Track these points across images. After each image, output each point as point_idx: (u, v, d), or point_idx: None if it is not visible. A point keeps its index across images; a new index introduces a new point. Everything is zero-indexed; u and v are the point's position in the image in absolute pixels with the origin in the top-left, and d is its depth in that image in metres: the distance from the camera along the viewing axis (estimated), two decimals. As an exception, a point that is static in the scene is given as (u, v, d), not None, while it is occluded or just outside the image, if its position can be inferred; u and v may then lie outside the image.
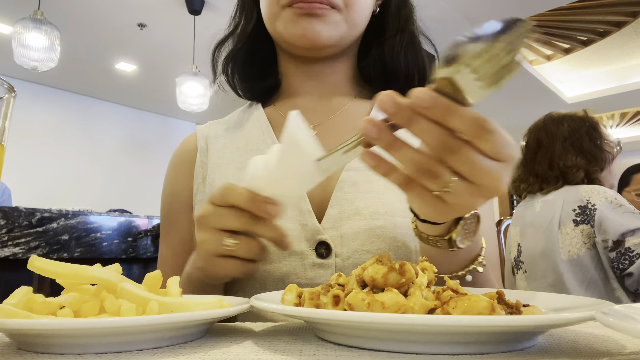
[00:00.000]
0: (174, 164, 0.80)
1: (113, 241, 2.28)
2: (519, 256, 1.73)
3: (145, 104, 6.98)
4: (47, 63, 3.14)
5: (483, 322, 0.29)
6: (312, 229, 0.64)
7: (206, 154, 0.77)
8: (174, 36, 4.79)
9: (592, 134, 1.68)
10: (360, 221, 0.64)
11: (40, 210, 2.04)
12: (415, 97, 0.34)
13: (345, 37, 0.72)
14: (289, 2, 0.68)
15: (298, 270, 0.64)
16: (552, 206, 1.61)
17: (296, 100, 0.78)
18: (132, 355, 0.34)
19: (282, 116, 0.78)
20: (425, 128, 0.35)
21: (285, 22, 0.69)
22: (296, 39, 0.69)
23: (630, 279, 1.44)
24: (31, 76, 5.66)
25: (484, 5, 4.11)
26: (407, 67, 0.77)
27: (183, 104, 4.07)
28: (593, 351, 0.33)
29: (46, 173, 5.99)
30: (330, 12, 0.68)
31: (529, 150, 1.78)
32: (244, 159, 0.73)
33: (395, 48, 0.77)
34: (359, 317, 0.31)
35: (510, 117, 7.08)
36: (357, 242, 0.63)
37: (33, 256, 0.39)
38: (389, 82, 0.78)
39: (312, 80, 0.78)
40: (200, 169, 0.76)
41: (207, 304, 0.40)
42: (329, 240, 0.64)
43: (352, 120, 0.75)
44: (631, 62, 5.89)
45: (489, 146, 0.35)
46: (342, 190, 0.66)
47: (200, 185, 0.74)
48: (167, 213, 0.79)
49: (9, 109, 0.45)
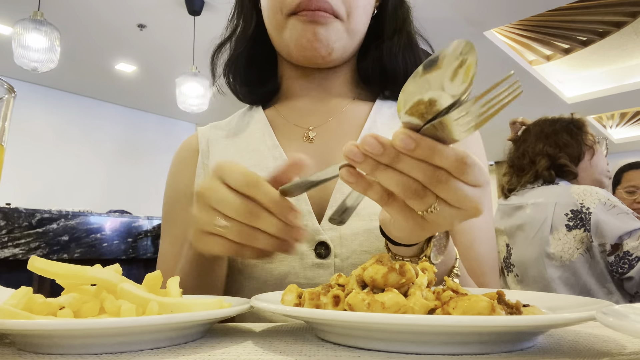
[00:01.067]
0: (177, 162, 0.81)
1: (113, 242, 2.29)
2: (508, 258, 1.73)
3: (145, 104, 6.98)
4: (47, 64, 3.13)
5: (483, 322, 0.29)
6: (312, 230, 0.65)
7: (207, 155, 0.78)
8: (173, 37, 4.79)
9: (572, 129, 1.71)
10: (359, 222, 0.64)
11: (40, 211, 2.04)
12: (400, 141, 0.35)
13: (347, 48, 0.73)
14: (293, 9, 0.68)
15: (297, 270, 0.64)
16: (543, 210, 1.59)
17: (296, 102, 0.79)
18: (132, 355, 0.34)
19: (282, 118, 0.78)
20: (410, 166, 0.37)
21: (291, 30, 0.69)
22: (302, 49, 0.70)
23: (630, 282, 1.44)
24: (31, 77, 5.66)
25: (484, 5, 4.11)
26: (405, 67, 0.77)
27: (183, 105, 4.07)
28: (593, 351, 0.33)
29: (46, 174, 5.99)
30: (334, 21, 0.69)
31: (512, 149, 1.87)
32: (245, 160, 0.73)
33: (393, 49, 0.77)
34: (359, 317, 0.31)
35: (509, 118, 7.08)
36: (356, 242, 0.64)
37: (33, 257, 0.39)
38: (388, 83, 0.79)
39: (312, 84, 0.78)
40: (201, 169, 0.76)
41: (207, 305, 0.40)
42: (328, 241, 0.64)
43: (350, 122, 0.76)
44: (631, 62, 5.89)
45: (469, 177, 0.37)
46: (342, 192, 0.67)
47: None
48: (168, 209, 0.79)
49: (9, 109, 0.45)
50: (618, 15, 4.77)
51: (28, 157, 5.80)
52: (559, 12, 4.55)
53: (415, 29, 0.81)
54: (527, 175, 1.72)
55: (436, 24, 4.33)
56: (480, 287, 0.69)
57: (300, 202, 0.66)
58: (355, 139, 0.70)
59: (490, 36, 4.76)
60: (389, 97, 0.81)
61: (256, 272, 0.66)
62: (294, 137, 0.75)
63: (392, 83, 0.78)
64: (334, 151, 0.72)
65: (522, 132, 1.87)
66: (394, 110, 0.79)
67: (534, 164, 1.70)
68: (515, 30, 5.00)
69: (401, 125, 0.36)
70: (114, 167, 6.71)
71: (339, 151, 0.69)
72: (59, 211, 2.13)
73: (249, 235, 0.48)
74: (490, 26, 4.53)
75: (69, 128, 6.35)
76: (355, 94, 0.80)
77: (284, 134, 0.76)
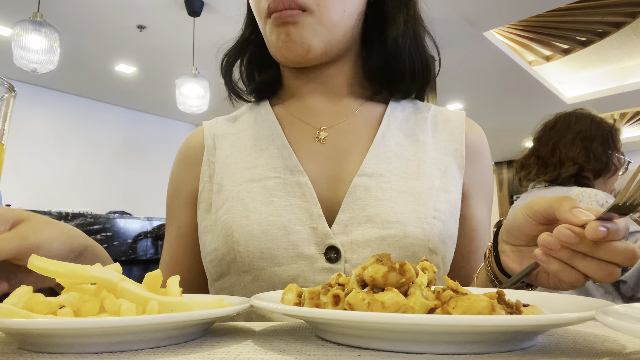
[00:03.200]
0: (180, 160, 0.79)
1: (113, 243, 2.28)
2: None
3: (144, 105, 6.98)
4: (47, 65, 3.14)
5: (483, 322, 0.29)
6: (322, 233, 0.64)
7: (214, 152, 0.76)
8: (173, 38, 4.80)
9: (609, 141, 1.65)
10: (372, 229, 0.63)
11: (40, 212, 2.04)
12: (590, 232, 0.41)
13: (329, 41, 0.69)
14: (267, 13, 0.68)
15: (307, 273, 0.63)
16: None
17: (305, 100, 0.77)
18: (132, 354, 0.34)
19: (291, 115, 0.76)
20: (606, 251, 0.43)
21: (269, 34, 0.69)
22: (280, 51, 0.69)
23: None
24: (31, 78, 5.66)
25: (484, 6, 4.11)
26: (412, 62, 0.74)
27: (183, 106, 4.07)
28: (593, 351, 0.33)
29: (46, 175, 5.99)
30: (303, 16, 0.66)
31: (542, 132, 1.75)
32: (252, 158, 0.72)
33: (398, 40, 0.73)
34: (359, 317, 0.31)
35: (510, 118, 7.09)
36: (368, 249, 0.62)
37: (33, 255, 0.39)
38: (394, 79, 0.75)
39: (313, 83, 0.76)
40: (207, 167, 0.75)
41: (207, 304, 0.40)
42: (339, 245, 0.63)
43: (363, 124, 0.74)
44: (630, 63, 5.90)
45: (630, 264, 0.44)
46: (354, 196, 0.65)
47: (206, 183, 0.73)
48: (169, 208, 0.79)
49: (9, 108, 0.45)
50: (618, 16, 4.77)
51: (28, 159, 5.81)
52: (559, 12, 4.55)
53: (419, 16, 0.77)
54: (547, 174, 1.65)
55: (436, 24, 4.32)
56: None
57: (310, 205, 0.65)
58: (369, 142, 0.72)
59: (490, 37, 4.77)
60: (401, 99, 0.79)
61: (264, 275, 0.64)
62: (305, 136, 0.73)
63: (399, 79, 0.75)
64: (346, 153, 0.70)
65: (558, 119, 1.73)
66: (407, 114, 0.77)
67: (561, 166, 1.62)
68: (515, 30, 5.01)
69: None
70: (113, 168, 6.71)
71: (351, 153, 0.70)
72: (59, 212, 2.13)
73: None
74: (490, 27, 4.53)
75: (68, 129, 6.35)
76: (367, 96, 0.78)
77: (293, 132, 0.74)
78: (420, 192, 0.66)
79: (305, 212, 0.65)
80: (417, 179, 0.68)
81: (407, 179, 0.68)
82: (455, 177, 0.72)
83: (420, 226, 0.63)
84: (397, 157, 0.70)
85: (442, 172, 0.71)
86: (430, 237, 0.64)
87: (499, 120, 7.17)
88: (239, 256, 0.64)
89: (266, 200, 0.66)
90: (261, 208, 0.65)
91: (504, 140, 8.20)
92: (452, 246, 0.69)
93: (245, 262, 0.64)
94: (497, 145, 8.59)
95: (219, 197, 0.70)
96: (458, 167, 0.73)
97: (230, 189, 0.69)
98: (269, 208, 0.65)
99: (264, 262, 0.63)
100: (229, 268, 0.66)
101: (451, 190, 0.70)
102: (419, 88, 0.79)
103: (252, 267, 0.64)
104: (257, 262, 0.63)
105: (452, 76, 5.52)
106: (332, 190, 0.68)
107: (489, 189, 0.78)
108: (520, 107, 6.70)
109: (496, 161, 10.34)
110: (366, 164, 0.68)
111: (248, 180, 0.69)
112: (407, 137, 0.73)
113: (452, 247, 0.69)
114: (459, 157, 0.73)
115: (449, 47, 4.71)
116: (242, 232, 0.64)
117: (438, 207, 0.66)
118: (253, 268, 0.64)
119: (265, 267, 0.63)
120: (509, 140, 8.11)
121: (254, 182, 0.68)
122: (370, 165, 0.68)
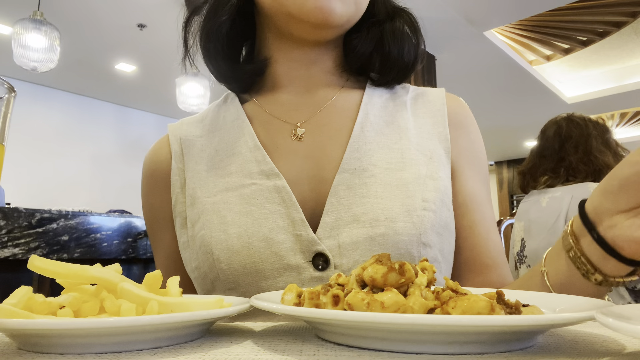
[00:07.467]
0: (147, 178, 0.74)
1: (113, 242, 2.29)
2: (522, 251, 1.73)
3: (145, 104, 6.98)
4: (47, 64, 3.14)
5: (483, 322, 0.29)
6: (307, 240, 0.59)
7: (181, 158, 0.71)
8: (173, 37, 4.79)
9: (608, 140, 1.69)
10: (360, 229, 0.59)
11: (40, 210, 2.04)
12: None
13: (351, 19, 0.66)
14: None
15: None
16: (559, 203, 1.60)
17: (280, 94, 0.71)
18: (132, 355, 0.34)
19: (265, 112, 0.70)
20: None
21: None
22: (307, 14, 0.61)
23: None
24: (31, 77, 5.66)
25: (484, 5, 4.11)
26: (400, 52, 0.71)
27: (183, 105, 4.07)
28: (593, 351, 0.33)
29: (46, 173, 5.99)
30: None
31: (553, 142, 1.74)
32: (225, 164, 0.66)
33: (385, 31, 0.70)
34: (359, 317, 0.31)
35: (510, 118, 7.08)
36: (357, 252, 0.58)
37: (33, 256, 0.39)
38: (378, 66, 0.72)
39: (300, 70, 0.71)
40: (177, 176, 0.70)
41: (207, 304, 0.40)
42: (326, 251, 0.59)
43: (341, 115, 0.69)
44: (631, 63, 5.90)
45: None
46: (337, 195, 0.61)
47: (179, 195, 0.69)
48: (150, 228, 0.75)
49: (9, 108, 0.45)
50: (618, 15, 4.77)
51: (28, 157, 5.81)
52: (559, 12, 4.55)
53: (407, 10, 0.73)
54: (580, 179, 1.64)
55: (436, 24, 4.33)
56: (503, 276, 0.67)
57: (291, 211, 0.60)
58: (347, 134, 0.68)
59: (490, 36, 4.76)
60: (377, 82, 0.74)
61: (251, 290, 0.60)
62: (281, 135, 0.68)
63: (383, 66, 0.71)
64: (326, 149, 0.66)
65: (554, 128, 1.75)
66: (385, 100, 0.73)
67: (600, 173, 1.61)
68: (516, 30, 5.01)
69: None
70: (113, 167, 6.71)
71: (331, 149, 0.67)
72: (59, 211, 2.13)
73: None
74: (491, 26, 4.53)
75: (68, 128, 6.35)
76: (342, 82, 0.73)
77: (267, 132, 0.68)
78: (406, 183, 0.62)
79: (287, 218, 0.60)
80: (403, 169, 0.63)
81: (392, 170, 0.63)
82: (442, 162, 0.67)
83: (411, 220, 0.59)
84: (378, 147, 0.65)
85: (428, 158, 0.66)
86: (422, 230, 0.59)
87: (499, 120, 7.17)
88: (222, 274, 0.60)
89: (244, 210, 0.61)
90: (239, 219, 0.60)
91: (504, 140, 8.19)
92: (450, 236, 0.65)
93: (229, 279, 0.60)
94: (497, 144, 8.59)
95: (193, 211, 0.65)
96: (444, 151, 0.68)
97: (204, 201, 0.64)
98: (248, 219, 0.60)
99: (249, 277, 0.59)
100: (213, 286, 0.62)
101: (439, 177, 0.65)
102: (402, 76, 0.74)
103: (237, 284, 0.60)
104: (242, 278, 0.59)
105: (452, 75, 5.52)
106: (314, 191, 0.63)
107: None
108: (520, 107, 6.70)
109: (496, 161, 10.33)
110: (346, 160, 0.63)
111: (222, 190, 0.64)
112: (388, 125, 0.68)
113: (451, 237, 0.65)
114: (443, 140, 0.69)
115: (449, 46, 4.71)
116: (221, 248, 0.60)
117: (427, 197, 0.62)
118: (238, 285, 0.60)
119: (251, 283, 0.59)
120: (509, 140, 8.11)
121: (228, 191, 0.63)
122: (351, 161, 0.63)
